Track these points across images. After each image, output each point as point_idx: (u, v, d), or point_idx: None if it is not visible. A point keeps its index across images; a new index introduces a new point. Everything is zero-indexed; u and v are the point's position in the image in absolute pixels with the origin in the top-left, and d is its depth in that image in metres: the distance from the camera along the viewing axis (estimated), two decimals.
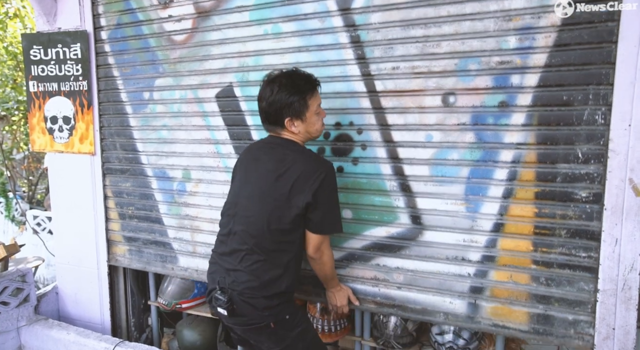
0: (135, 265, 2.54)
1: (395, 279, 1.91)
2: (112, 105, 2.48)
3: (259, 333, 1.60)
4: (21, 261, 3.88)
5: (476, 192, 1.75)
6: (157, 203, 2.42)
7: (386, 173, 1.88)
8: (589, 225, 1.61)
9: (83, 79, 2.51)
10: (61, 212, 2.75)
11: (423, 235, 1.85)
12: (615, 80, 1.53)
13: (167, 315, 2.80)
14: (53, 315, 2.79)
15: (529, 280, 1.71)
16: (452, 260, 1.81)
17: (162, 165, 2.38)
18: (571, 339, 1.67)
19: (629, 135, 1.52)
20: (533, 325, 1.72)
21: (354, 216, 1.95)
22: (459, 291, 1.81)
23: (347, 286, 1.95)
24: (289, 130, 1.59)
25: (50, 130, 2.65)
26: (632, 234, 1.55)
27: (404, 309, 1.91)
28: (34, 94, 2.65)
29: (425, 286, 1.86)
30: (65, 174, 2.68)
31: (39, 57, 2.59)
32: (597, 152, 1.57)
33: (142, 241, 2.49)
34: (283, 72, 1.58)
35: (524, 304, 1.72)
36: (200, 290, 2.50)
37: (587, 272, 1.63)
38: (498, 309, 1.76)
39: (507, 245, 1.73)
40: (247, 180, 1.63)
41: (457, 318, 1.82)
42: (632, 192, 1.54)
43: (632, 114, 1.51)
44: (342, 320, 2.20)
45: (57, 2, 2.54)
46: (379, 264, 1.93)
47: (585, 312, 1.65)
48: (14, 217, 5.31)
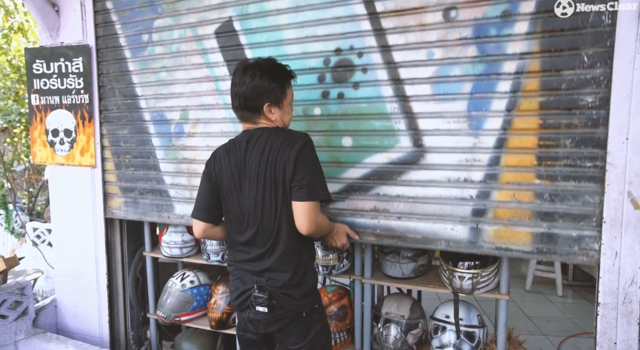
0: (131, 216, 2.52)
1: (396, 209, 1.89)
2: (111, 52, 2.47)
3: (290, 324, 1.61)
4: (20, 274, 3.87)
5: (479, 108, 1.72)
6: (154, 148, 2.40)
7: (387, 95, 1.86)
8: (595, 132, 1.58)
9: (85, 92, 2.54)
10: (61, 224, 2.75)
11: (424, 158, 1.83)
12: (611, 93, 1.54)
13: (166, 328, 2.78)
14: (51, 329, 2.77)
15: (533, 197, 1.68)
16: (453, 183, 1.79)
17: (160, 108, 2.36)
18: (575, 256, 1.64)
19: (627, 149, 1.53)
20: (537, 245, 1.69)
21: (354, 144, 1.94)
22: (460, 216, 1.79)
23: (343, 224, 1.91)
24: (266, 117, 1.58)
25: (52, 143, 2.66)
26: (632, 247, 1.55)
27: (404, 239, 1.89)
28: (36, 107, 2.67)
29: (426, 213, 1.84)
30: (66, 187, 2.69)
31: (41, 70, 2.62)
32: (603, 54, 1.54)
33: (139, 191, 2.47)
34: (261, 60, 1.59)
35: (527, 224, 1.70)
36: (199, 303, 2.49)
37: (592, 182, 1.61)
38: (501, 231, 1.74)
39: (511, 161, 1.70)
40: (243, 190, 1.60)
41: (459, 244, 1.80)
42: (630, 205, 1.54)
43: (629, 127, 1.52)
44: (342, 333, 2.19)
45: (60, 17, 2.58)
46: (379, 193, 1.91)
47: (589, 227, 1.62)
48: (14, 229, 5.30)
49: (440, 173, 1.81)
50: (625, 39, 1.51)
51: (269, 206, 1.55)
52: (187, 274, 2.55)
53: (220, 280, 2.49)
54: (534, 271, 4.28)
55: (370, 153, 1.91)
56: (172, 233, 2.46)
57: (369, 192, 1.93)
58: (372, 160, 1.91)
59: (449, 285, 1.95)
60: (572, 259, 1.66)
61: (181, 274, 2.56)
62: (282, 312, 1.59)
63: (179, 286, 2.48)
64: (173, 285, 2.50)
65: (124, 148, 2.50)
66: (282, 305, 1.57)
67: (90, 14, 2.48)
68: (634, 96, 1.51)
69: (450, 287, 1.94)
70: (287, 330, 1.62)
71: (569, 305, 3.98)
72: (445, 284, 1.97)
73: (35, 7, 2.48)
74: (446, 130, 1.78)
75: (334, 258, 2.13)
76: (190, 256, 2.50)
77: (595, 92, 1.57)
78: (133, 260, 2.76)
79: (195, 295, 2.48)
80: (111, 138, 2.54)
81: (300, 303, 1.59)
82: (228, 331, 2.40)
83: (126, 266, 2.73)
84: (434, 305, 2.15)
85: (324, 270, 2.12)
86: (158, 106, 2.37)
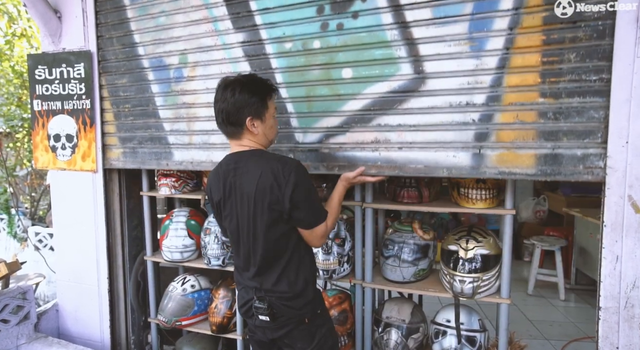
0: (129, 165, 2.52)
1: (397, 139, 1.88)
2: (109, 0, 2.47)
3: (294, 330, 1.63)
4: (22, 278, 3.88)
5: (480, 28, 1.69)
6: (154, 95, 2.39)
7: (387, 23, 1.83)
8: (600, 44, 1.55)
9: (86, 97, 2.55)
10: (62, 229, 2.76)
11: (425, 85, 1.80)
12: (611, 97, 1.54)
13: (167, 332, 2.78)
14: (53, 333, 2.77)
15: (537, 116, 1.66)
16: (455, 108, 1.77)
17: (159, 54, 2.35)
18: (580, 175, 1.62)
19: (627, 152, 1.53)
20: (541, 167, 1.68)
21: (354, 75, 1.91)
22: (462, 142, 1.77)
23: (342, 176, 1.83)
24: (249, 131, 1.58)
25: (53, 148, 2.67)
26: (633, 251, 1.55)
27: (405, 170, 1.88)
28: (38, 113, 2.69)
29: (428, 142, 1.83)
30: (67, 191, 2.70)
31: (43, 76, 2.64)
32: None
33: (138, 140, 2.47)
34: (241, 76, 1.61)
35: (531, 146, 1.68)
36: (200, 308, 2.49)
37: (598, 96, 1.58)
38: (504, 155, 1.72)
39: (513, 81, 1.67)
40: (236, 214, 1.62)
41: (461, 171, 1.79)
42: (631, 208, 1.54)
43: (629, 131, 1.52)
44: (343, 337, 2.18)
45: (62, 24, 2.60)
46: (380, 124, 1.90)
47: (594, 143, 1.60)
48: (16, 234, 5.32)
49: (441, 99, 1.78)
50: (624, 42, 1.51)
51: (262, 232, 1.56)
52: (188, 278, 2.55)
53: (221, 284, 2.49)
54: (536, 275, 4.26)
55: (371, 83, 1.89)
56: (172, 237, 2.47)
57: (369, 123, 1.91)
58: (373, 90, 1.89)
59: (449, 289, 1.94)
60: (576, 177, 1.63)
61: (182, 278, 2.56)
62: (284, 320, 1.61)
63: (180, 290, 2.48)
64: (174, 290, 2.50)
65: (123, 97, 2.49)
66: (283, 313, 1.60)
67: (92, 20, 2.50)
68: (634, 99, 1.51)
69: (451, 291, 1.93)
70: (292, 336, 1.64)
71: (571, 309, 3.95)
72: (446, 288, 1.97)
73: (37, 13, 2.50)
74: (447, 54, 1.75)
75: (335, 262, 2.13)
76: (191, 260, 2.50)
77: (601, 1, 1.54)
78: (134, 264, 2.76)
79: (196, 299, 2.48)
80: (110, 89, 2.53)
81: (301, 311, 1.61)
82: (229, 336, 2.40)
83: (127, 270, 2.73)
84: (435, 309, 2.14)
85: (324, 274, 2.12)
86: (157, 52, 2.36)
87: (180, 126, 2.35)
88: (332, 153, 1.99)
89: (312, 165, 2.02)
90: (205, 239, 2.38)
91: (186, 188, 2.50)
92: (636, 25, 1.49)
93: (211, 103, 2.20)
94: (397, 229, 2.13)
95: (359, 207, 2.13)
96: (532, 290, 4.28)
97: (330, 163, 2.01)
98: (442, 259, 2.01)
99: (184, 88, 2.31)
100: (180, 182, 2.48)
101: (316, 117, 2.01)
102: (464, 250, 1.92)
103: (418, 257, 2.05)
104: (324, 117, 1.99)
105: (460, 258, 1.92)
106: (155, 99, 2.39)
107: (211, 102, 2.21)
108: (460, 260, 1.91)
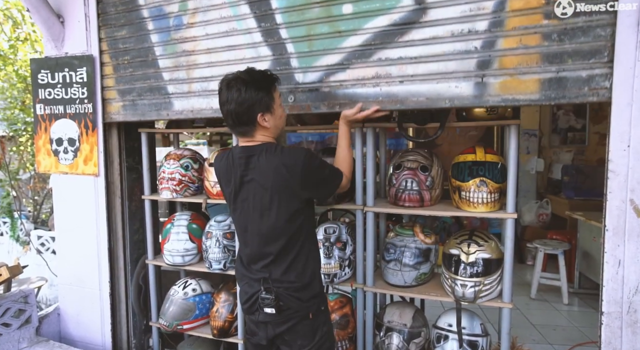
0: (130, 118, 2.52)
1: (398, 72, 1.87)
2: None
3: (297, 325, 1.63)
4: (24, 281, 3.88)
5: None
6: (153, 45, 2.39)
7: None
8: None
9: (88, 101, 2.56)
10: (64, 232, 2.76)
11: (427, 15, 1.79)
12: (612, 101, 1.54)
13: (169, 336, 2.78)
14: (54, 337, 2.77)
15: (541, 39, 1.64)
16: (457, 36, 1.75)
17: (159, 3, 2.34)
18: (585, 97, 1.60)
19: (628, 156, 1.52)
20: (545, 91, 1.65)
21: (354, 10, 1.91)
22: (465, 71, 1.76)
23: (341, 115, 1.85)
24: (262, 126, 1.59)
25: (56, 152, 2.68)
26: (635, 256, 1.54)
27: (406, 103, 1.87)
28: (41, 117, 2.70)
29: (429, 73, 1.82)
30: (69, 195, 2.71)
31: (46, 80, 2.66)
32: None
33: (137, 92, 2.47)
34: (240, 73, 1.60)
35: (535, 71, 1.66)
36: (201, 311, 2.49)
37: (605, 13, 1.54)
38: (507, 82, 1.71)
39: (517, 4, 1.65)
40: (249, 207, 1.64)
41: (463, 101, 1.77)
42: (633, 213, 1.53)
43: (631, 135, 1.52)
44: (344, 342, 2.18)
45: (65, 28, 2.61)
46: (381, 58, 1.89)
47: (600, 63, 1.57)
48: (19, 237, 5.33)
49: (443, 28, 1.77)
50: (625, 46, 1.50)
51: (277, 224, 1.58)
52: (189, 282, 2.55)
53: (222, 288, 2.49)
54: (539, 279, 4.24)
55: (372, 17, 1.88)
56: (174, 241, 2.47)
57: (370, 58, 1.91)
58: (373, 24, 1.88)
59: (451, 293, 1.93)
60: (581, 99, 1.61)
61: (183, 282, 2.56)
62: (290, 312, 1.61)
63: (181, 294, 2.48)
64: (175, 294, 2.50)
65: (122, 49, 2.49)
66: (289, 306, 1.60)
67: (95, 25, 2.51)
68: (635, 103, 1.50)
69: (453, 295, 1.92)
70: (295, 331, 1.64)
71: (575, 314, 3.92)
72: (448, 292, 1.96)
73: (41, 18, 2.51)
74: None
75: (336, 266, 2.13)
76: (193, 264, 2.50)
77: None
78: (135, 268, 2.77)
79: (198, 303, 2.48)
80: (109, 41, 2.53)
81: (307, 304, 1.62)
82: (230, 339, 2.39)
83: (129, 274, 2.74)
84: (437, 313, 2.14)
85: (325, 278, 2.12)
86: (156, 0, 2.35)
87: (180, 75, 2.35)
88: (332, 91, 1.99)
89: (313, 105, 2.03)
90: (207, 242, 2.38)
91: (187, 192, 2.51)
92: (637, 29, 1.49)
93: (211, 49, 2.19)
94: (399, 232, 2.12)
95: (360, 210, 2.13)
96: (535, 294, 4.25)
97: (331, 101, 2.01)
98: (444, 263, 2.00)
99: (183, 36, 2.31)
100: (181, 186, 2.48)
101: (316, 55, 2.01)
102: (466, 254, 1.92)
103: (420, 261, 2.05)
104: (324, 55, 2.00)
105: (461, 262, 1.91)
106: (155, 48, 2.40)
107: (211, 48, 2.16)
108: (462, 264, 1.90)
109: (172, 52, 2.36)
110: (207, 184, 2.42)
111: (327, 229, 2.19)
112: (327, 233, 2.17)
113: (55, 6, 2.59)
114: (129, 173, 2.72)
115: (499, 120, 2.06)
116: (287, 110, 2.00)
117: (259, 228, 1.61)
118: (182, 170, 2.48)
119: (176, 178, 2.48)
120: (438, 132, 1.96)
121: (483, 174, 1.91)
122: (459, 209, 1.97)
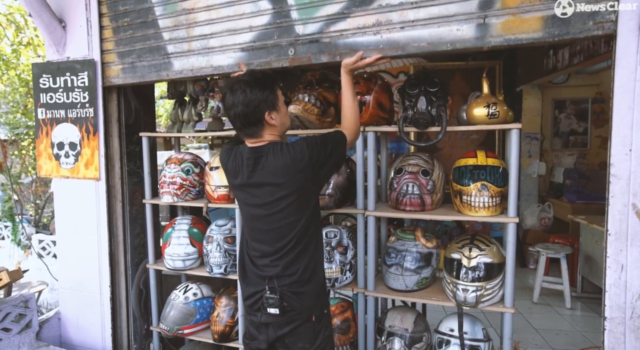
0: (129, 80, 2.52)
1: (398, 18, 1.86)
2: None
3: (299, 327, 1.63)
4: (25, 286, 3.88)
5: None
6: (153, 5, 2.39)
7: None
8: None
9: (89, 105, 2.57)
10: (65, 236, 2.76)
11: None
12: (613, 105, 1.53)
13: (169, 341, 2.77)
14: (55, 341, 2.77)
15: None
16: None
17: None
18: (590, 31, 1.58)
19: (630, 160, 1.51)
20: (548, 29, 1.63)
21: None
22: (466, 13, 1.74)
23: (342, 64, 1.79)
24: (270, 125, 1.60)
25: (57, 156, 2.69)
26: (638, 260, 1.53)
27: (407, 49, 1.87)
28: (42, 121, 2.71)
29: (430, 18, 1.81)
30: (70, 199, 2.71)
31: (47, 85, 2.66)
32: None
33: (137, 54, 2.47)
34: (243, 76, 1.62)
35: (538, 8, 1.64)
36: (202, 316, 2.48)
37: None
38: (509, 22, 1.69)
39: None
40: (258, 205, 1.65)
41: (465, 43, 1.77)
42: (636, 217, 1.52)
43: (633, 139, 1.51)
44: (345, 347, 2.16)
45: (66, 33, 2.62)
46: (381, 5, 1.88)
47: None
48: (20, 241, 5.34)
49: None
50: (626, 51, 1.50)
51: (286, 219, 1.59)
52: (190, 286, 2.54)
53: (223, 292, 2.48)
54: (542, 283, 4.22)
55: None
56: (175, 245, 2.46)
57: (371, 5, 1.90)
58: None
59: (452, 298, 1.92)
60: (585, 34, 1.59)
61: (184, 286, 2.55)
62: (293, 314, 1.61)
63: (182, 299, 2.48)
64: (176, 298, 2.49)
65: (122, 11, 2.49)
66: (293, 306, 1.60)
67: (96, 30, 2.52)
68: (636, 106, 1.50)
69: (454, 300, 1.91)
70: (296, 333, 1.63)
71: (577, 318, 3.90)
72: (449, 296, 1.95)
73: (43, 23, 2.52)
74: None
75: (337, 270, 2.12)
76: (193, 268, 2.49)
77: None
78: (136, 272, 2.76)
79: (198, 308, 2.47)
80: (109, 4, 2.53)
81: (311, 305, 1.61)
82: (231, 344, 2.38)
83: (129, 278, 2.73)
84: (439, 317, 2.12)
85: (327, 282, 2.11)
86: None
87: (180, 34, 2.35)
88: (333, 41, 1.99)
89: (314, 56, 2.03)
90: (208, 247, 2.37)
91: (188, 196, 2.50)
92: (637, 32, 1.49)
93: (210, 6, 2.19)
94: (400, 237, 2.11)
95: (361, 214, 2.12)
96: (538, 298, 4.23)
97: (331, 52, 2.01)
98: (445, 267, 1.99)
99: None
100: (182, 190, 2.48)
101: (317, 6, 2.01)
102: (467, 258, 1.91)
103: (421, 265, 2.04)
104: (324, 5, 1.99)
105: (463, 266, 1.90)
106: (155, 8, 2.40)
107: (210, 5, 2.15)
108: (464, 268, 1.89)
109: (172, 11, 2.36)
110: (208, 188, 2.42)
111: (328, 233, 2.18)
112: (328, 237, 2.17)
113: (57, 11, 2.60)
114: (130, 177, 2.72)
115: (500, 124, 2.05)
116: (287, 63, 2.01)
117: (268, 225, 1.62)
118: (183, 175, 2.48)
119: (177, 182, 2.48)
120: (439, 136, 1.96)
121: (484, 177, 1.90)
122: (460, 213, 1.97)
